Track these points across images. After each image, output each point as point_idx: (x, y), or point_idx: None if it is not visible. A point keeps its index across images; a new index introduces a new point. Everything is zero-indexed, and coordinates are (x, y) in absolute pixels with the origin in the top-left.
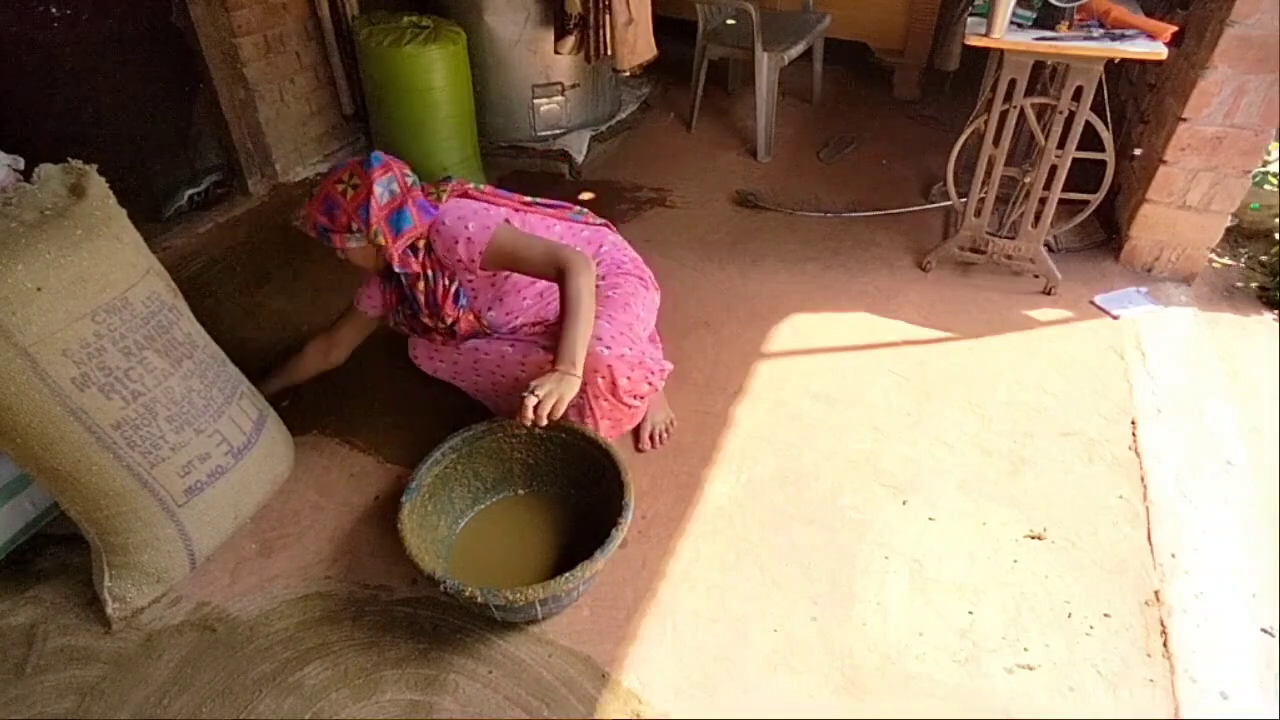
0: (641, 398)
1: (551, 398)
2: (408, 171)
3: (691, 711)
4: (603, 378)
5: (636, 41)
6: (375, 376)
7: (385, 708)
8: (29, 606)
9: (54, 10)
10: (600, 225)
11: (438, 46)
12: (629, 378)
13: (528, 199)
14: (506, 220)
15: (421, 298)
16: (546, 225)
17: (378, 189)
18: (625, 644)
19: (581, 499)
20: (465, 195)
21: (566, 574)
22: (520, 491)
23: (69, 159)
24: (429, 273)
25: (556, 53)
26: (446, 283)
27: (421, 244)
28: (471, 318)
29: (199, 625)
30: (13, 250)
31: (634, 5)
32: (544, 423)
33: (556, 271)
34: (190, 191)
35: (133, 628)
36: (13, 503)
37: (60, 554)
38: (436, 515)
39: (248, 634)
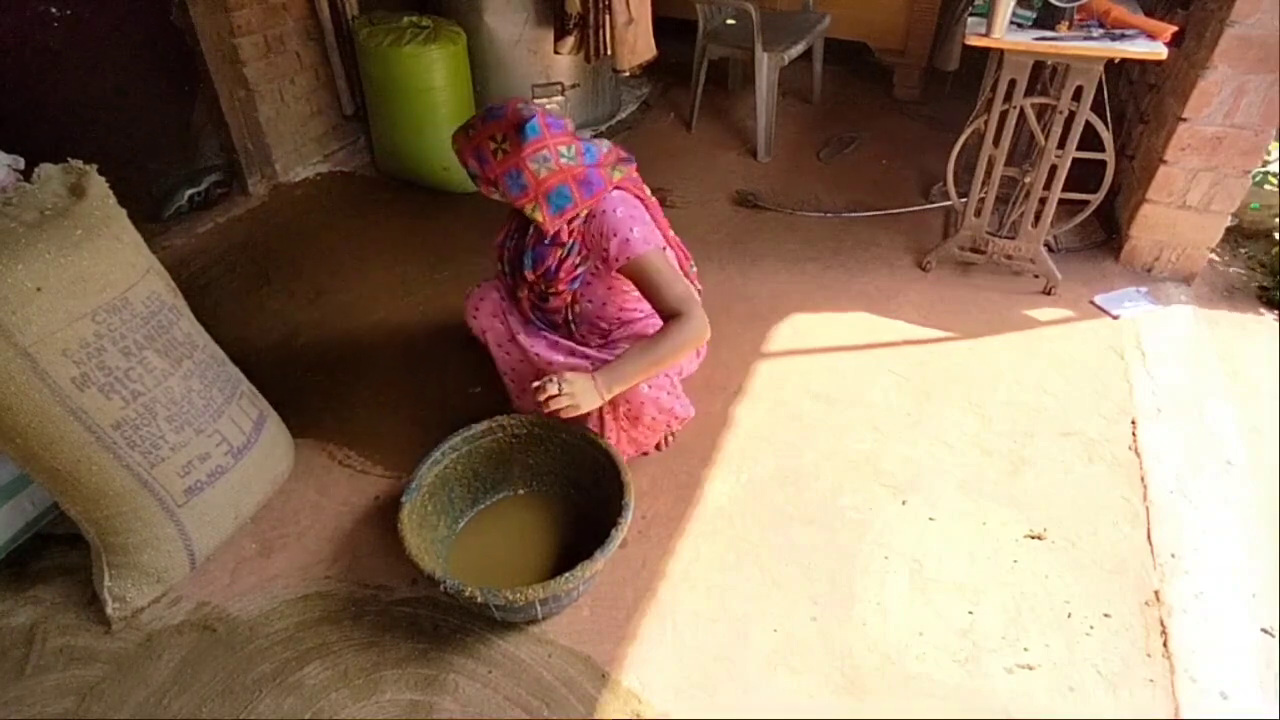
0: (656, 433)
1: (569, 399)
2: (563, 149)
3: (691, 711)
4: (629, 408)
5: (636, 41)
6: (376, 377)
7: (385, 708)
8: (29, 606)
9: (54, 10)
10: (698, 288)
11: (438, 46)
12: (654, 418)
13: (671, 232)
14: (664, 249)
15: (550, 263)
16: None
17: (532, 165)
18: (625, 644)
19: (581, 499)
20: (640, 198)
21: (566, 574)
22: (520, 491)
23: (69, 159)
24: (572, 241)
25: (556, 53)
26: (578, 259)
27: (583, 214)
28: (569, 300)
29: (199, 625)
30: (13, 250)
31: (634, 5)
32: (546, 412)
33: (675, 313)
34: (190, 191)
35: (133, 628)
36: (13, 503)
37: (60, 554)
38: (436, 515)
39: (248, 634)
